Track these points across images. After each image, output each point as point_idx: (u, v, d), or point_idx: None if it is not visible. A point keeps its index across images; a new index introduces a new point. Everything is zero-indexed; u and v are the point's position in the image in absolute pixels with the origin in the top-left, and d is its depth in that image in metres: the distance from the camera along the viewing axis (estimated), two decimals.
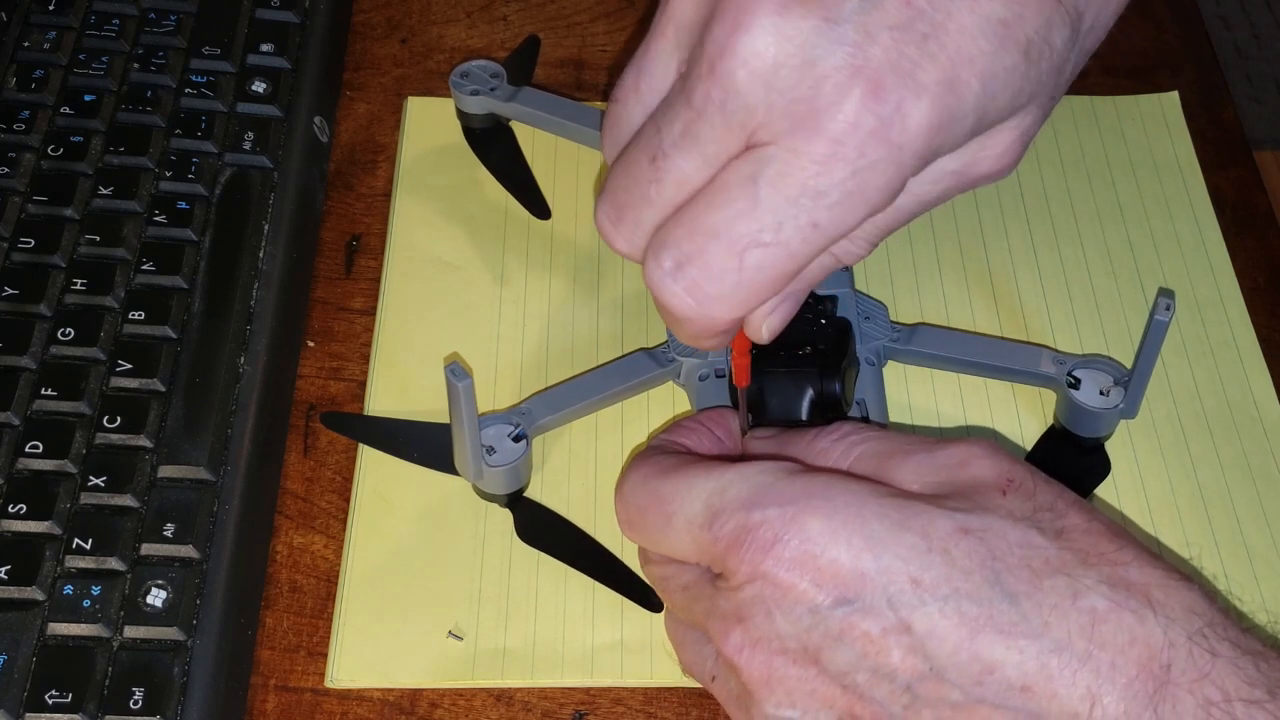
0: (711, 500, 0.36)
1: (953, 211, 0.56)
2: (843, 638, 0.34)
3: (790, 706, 0.35)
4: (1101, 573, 0.33)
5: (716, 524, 0.36)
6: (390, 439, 0.49)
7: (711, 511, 0.36)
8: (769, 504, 0.35)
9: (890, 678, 0.33)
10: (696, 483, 0.37)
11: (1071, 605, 0.32)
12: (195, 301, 0.49)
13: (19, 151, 0.52)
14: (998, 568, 0.33)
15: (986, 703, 0.32)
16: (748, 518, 0.35)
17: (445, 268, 0.54)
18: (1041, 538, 0.34)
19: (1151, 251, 0.55)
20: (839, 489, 0.35)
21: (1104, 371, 0.48)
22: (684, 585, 0.38)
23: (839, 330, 0.45)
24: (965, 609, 0.33)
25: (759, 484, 0.36)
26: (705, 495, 0.36)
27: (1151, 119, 0.59)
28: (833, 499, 0.34)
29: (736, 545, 0.35)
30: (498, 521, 0.47)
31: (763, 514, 0.35)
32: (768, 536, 0.34)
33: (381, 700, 0.44)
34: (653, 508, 0.38)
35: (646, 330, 0.52)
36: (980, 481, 0.36)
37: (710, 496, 0.36)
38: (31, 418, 0.46)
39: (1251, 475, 0.49)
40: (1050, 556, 0.33)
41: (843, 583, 0.33)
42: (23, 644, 0.41)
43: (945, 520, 0.34)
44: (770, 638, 0.35)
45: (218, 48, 0.57)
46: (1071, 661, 0.32)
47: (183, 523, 0.44)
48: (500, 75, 0.57)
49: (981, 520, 0.34)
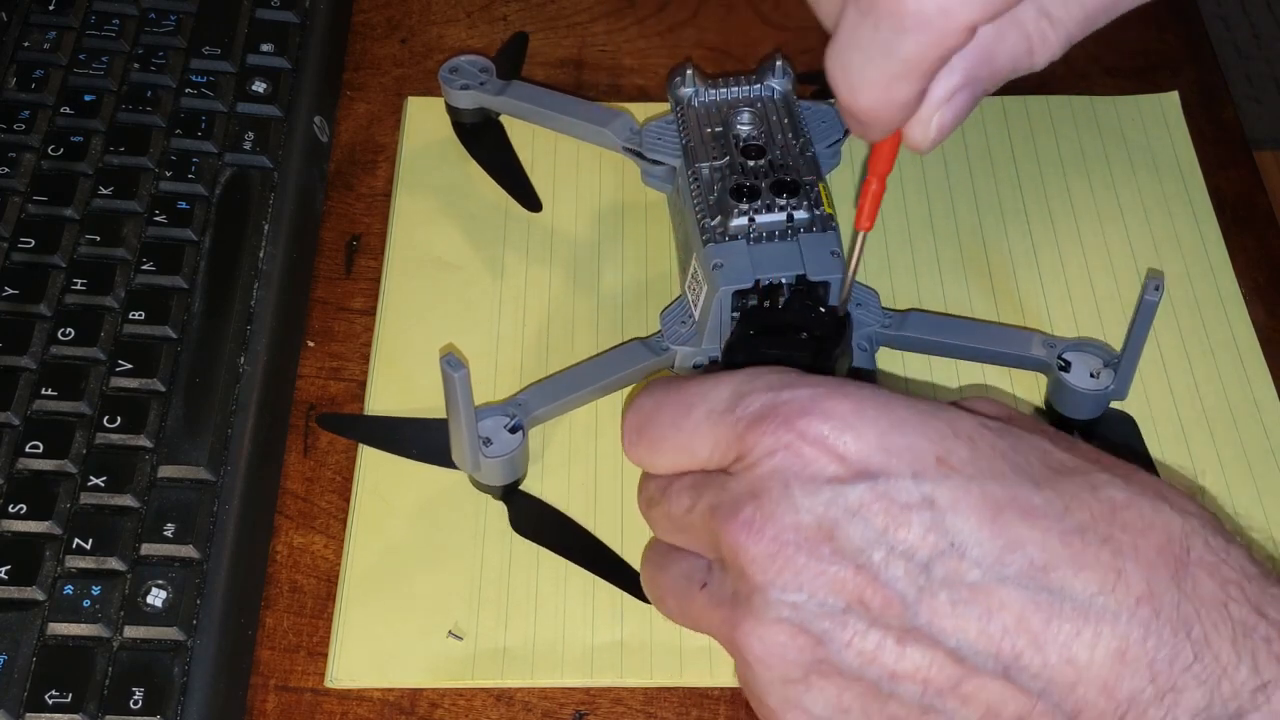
0: (740, 386, 0.35)
1: (953, 211, 0.56)
2: (861, 512, 0.33)
3: (797, 589, 0.33)
4: (1116, 473, 0.34)
5: (741, 405, 0.35)
6: (387, 437, 0.49)
7: (738, 395, 0.35)
8: (798, 386, 0.35)
9: (908, 555, 0.32)
10: (722, 378, 0.36)
11: (1091, 495, 0.33)
12: (195, 301, 0.49)
13: (19, 151, 0.52)
14: (1020, 460, 0.33)
15: (1008, 582, 0.32)
16: (776, 396, 0.34)
17: (445, 267, 0.54)
18: (1056, 447, 0.34)
19: (1151, 251, 0.55)
20: (865, 384, 0.35)
21: (1094, 354, 0.48)
22: (689, 485, 0.37)
23: (838, 320, 0.45)
24: (989, 489, 0.33)
25: (787, 374, 0.35)
26: (733, 384, 0.36)
27: (1151, 119, 0.59)
28: (861, 388, 0.35)
29: (760, 420, 0.34)
30: (498, 521, 0.47)
31: (792, 393, 0.34)
32: (794, 409, 0.34)
33: (381, 700, 0.44)
34: (670, 402, 0.37)
35: (646, 322, 0.52)
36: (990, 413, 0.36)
37: (738, 384, 0.36)
38: (31, 418, 0.46)
39: (1252, 475, 0.49)
40: (1066, 460, 0.34)
41: (866, 458, 0.33)
42: (23, 644, 0.41)
43: (968, 418, 0.34)
44: (784, 512, 0.33)
45: (218, 48, 0.57)
46: (1094, 542, 0.32)
47: (183, 523, 0.44)
48: (490, 70, 0.57)
49: (999, 424, 0.35)
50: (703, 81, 0.53)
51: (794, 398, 0.34)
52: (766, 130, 0.51)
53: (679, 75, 0.53)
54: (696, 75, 0.53)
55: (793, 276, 0.46)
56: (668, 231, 0.55)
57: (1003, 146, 0.58)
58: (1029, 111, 0.59)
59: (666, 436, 0.37)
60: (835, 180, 0.56)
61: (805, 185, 0.48)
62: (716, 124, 0.51)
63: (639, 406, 0.38)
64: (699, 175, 0.49)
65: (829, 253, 0.47)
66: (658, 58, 0.62)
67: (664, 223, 0.55)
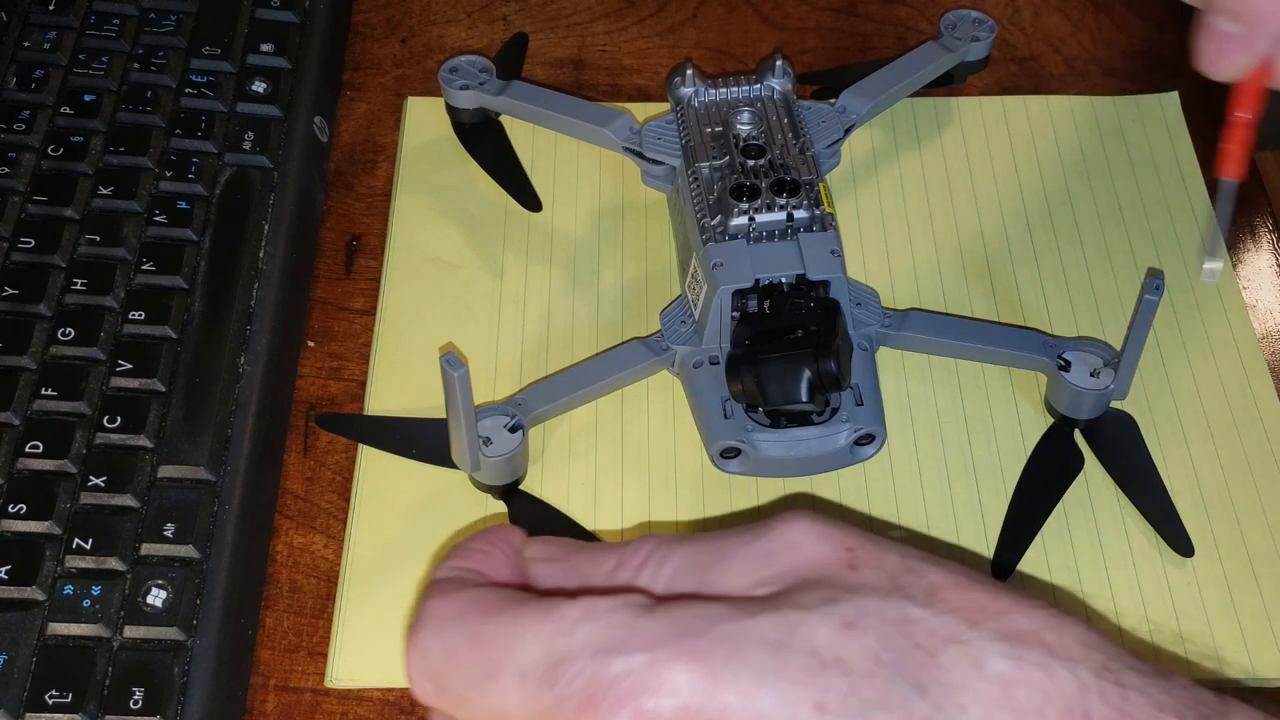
0: (554, 645, 0.28)
1: (953, 212, 0.56)
2: None
3: None
4: (991, 630, 0.30)
5: (561, 679, 0.28)
6: (388, 437, 0.49)
7: (553, 660, 0.28)
8: (631, 648, 0.27)
9: None
10: (530, 624, 0.29)
11: (978, 677, 0.29)
12: (195, 301, 0.49)
13: (19, 151, 0.52)
14: (892, 658, 0.28)
15: None
16: (606, 668, 0.27)
17: (445, 267, 0.54)
18: (917, 608, 0.29)
19: (1151, 251, 0.55)
20: (704, 617, 0.28)
21: (1094, 353, 0.48)
22: None
23: (828, 310, 0.45)
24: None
25: (613, 623, 0.28)
26: (544, 639, 0.28)
27: (1151, 119, 0.59)
28: (704, 632, 0.28)
29: (591, 706, 0.27)
30: (498, 521, 0.47)
31: (625, 662, 0.27)
32: (630, 690, 0.27)
33: (381, 700, 0.44)
34: (468, 656, 0.29)
35: (646, 322, 0.52)
36: (820, 561, 0.31)
37: (551, 640, 0.28)
38: (31, 418, 0.46)
39: (1251, 475, 0.49)
40: (934, 627, 0.29)
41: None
42: (23, 644, 0.41)
43: (824, 624, 0.29)
44: None
45: (218, 48, 0.57)
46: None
47: (183, 523, 0.44)
48: (489, 70, 0.57)
49: (855, 608, 0.29)
50: (703, 81, 0.53)
51: (628, 670, 0.27)
52: (766, 130, 0.51)
53: (679, 75, 0.53)
54: (696, 75, 0.53)
55: (793, 276, 0.46)
56: (668, 231, 0.55)
57: (1003, 146, 0.58)
58: (1029, 111, 0.59)
59: (472, 699, 0.29)
60: (835, 180, 0.56)
61: (805, 185, 0.48)
62: (716, 124, 0.51)
63: (427, 648, 0.30)
64: (699, 175, 0.49)
65: (829, 252, 0.47)
66: (658, 58, 0.62)
67: (664, 223, 0.55)
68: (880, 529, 0.47)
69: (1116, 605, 0.45)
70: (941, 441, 0.49)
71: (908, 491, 0.48)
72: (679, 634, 0.28)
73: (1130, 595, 0.46)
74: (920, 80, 0.57)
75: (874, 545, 0.31)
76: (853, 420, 0.46)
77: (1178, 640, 0.45)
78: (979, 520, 0.47)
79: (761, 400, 0.44)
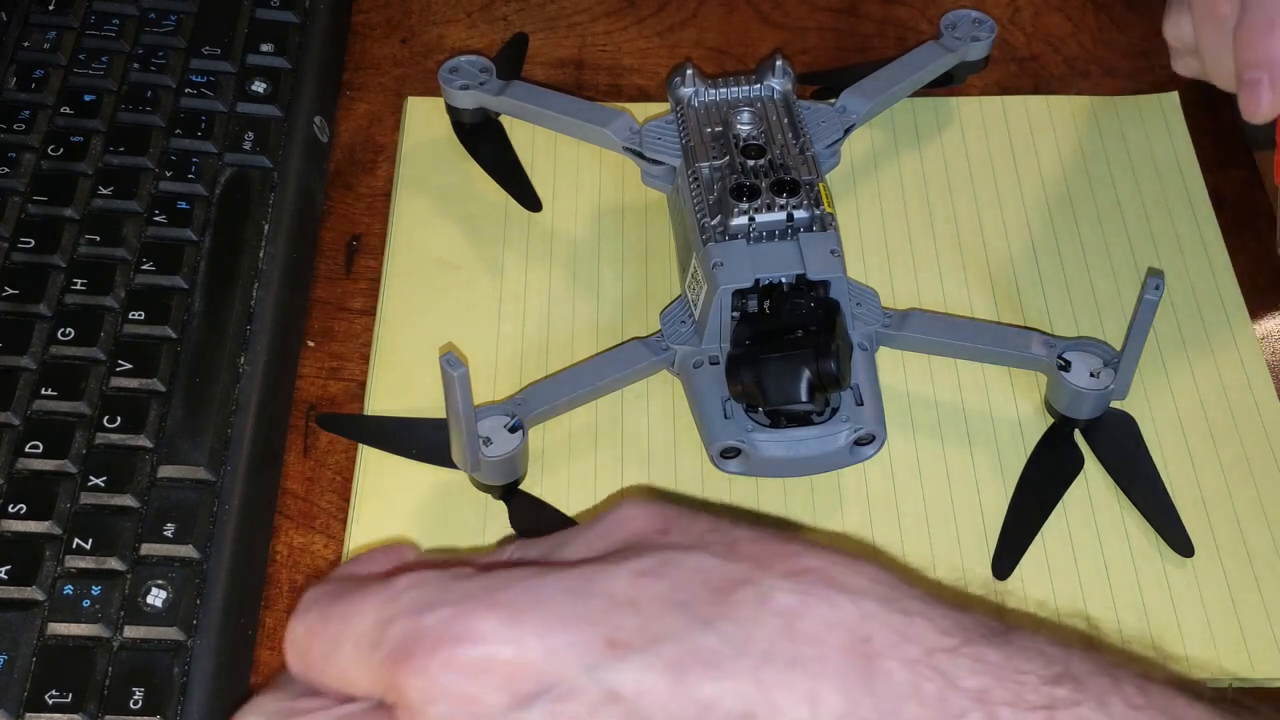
0: (382, 611, 0.32)
1: (953, 213, 0.56)
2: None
3: None
4: (779, 570, 0.32)
5: (385, 638, 0.31)
6: (388, 437, 0.49)
7: (381, 624, 0.31)
8: (442, 603, 0.31)
9: None
10: (367, 597, 0.32)
11: (764, 610, 0.31)
12: (195, 301, 0.49)
13: (19, 151, 0.52)
14: (684, 598, 0.31)
15: None
16: (417, 623, 0.31)
17: (445, 267, 0.54)
18: (714, 558, 0.33)
19: (1151, 251, 0.55)
20: (513, 576, 0.32)
21: (1094, 353, 0.48)
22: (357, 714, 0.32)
23: (828, 310, 0.45)
24: (666, 653, 0.30)
25: (430, 588, 0.32)
26: (376, 608, 0.32)
27: (1151, 119, 0.59)
28: (509, 586, 0.31)
29: (405, 657, 0.30)
30: (498, 522, 0.47)
31: (434, 616, 0.31)
32: (438, 638, 0.30)
33: None
34: (320, 632, 0.33)
35: (646, 322, 0.52)
36: (640, 532, 0.34)
37: (380, 607, 0.32)
38: (31, 418, 0.46)
39: (1251, 475, 0.49)
40: (729, 572, 0.32)
41: (535, 672, 0.30)
42: (23, 644, 0.41)
43: (621, 571, 0.32)
44: None
45: (218, 48, 0.57)
46: (782, 669, 0.31)
47: (183, 523, 0.44)
48: (490, 70, 0.57)
49: (655, 559, 0.32)
50: (703, 81, 0.53)
51: (436, 621, 0.31)
52: (766, 130, 0.51)
53: (679, 75, 0.53)
54: (696, 75, 0.53)
55: (793, 276, 0.46)
56: (668, 231, 0.55)
57: (1003, 146, 0.58)
58: (1029, 111, 0.59)
59: (327, 670, 0.33)
60: (835, 180, 0.56)
61: (805, 185, 0.48)
62: (716, 124, 0.51)
63: (293, 631, 0.34)
64: (699, 175, 0.49)
65: (829, 252, 0.47)
66: (658, 58, 0.62)
67: (664, 223, 0.55)
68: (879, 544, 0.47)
69: (1116, 605, 0.45)
70: (941, 441, 0.49)
71: (908, 491, 0.48)
72: (485, 590, 0.31)
73: (1130, 595, 0.46)
74: (920, 80, 0.57)
75: (688, 516, 0.35)
76: (853, 420, 0.46)
77: (1178, 640, 0.45)
78: (979, 520, 0.47)
79: (761, 400, 0.44)
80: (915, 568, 0.45)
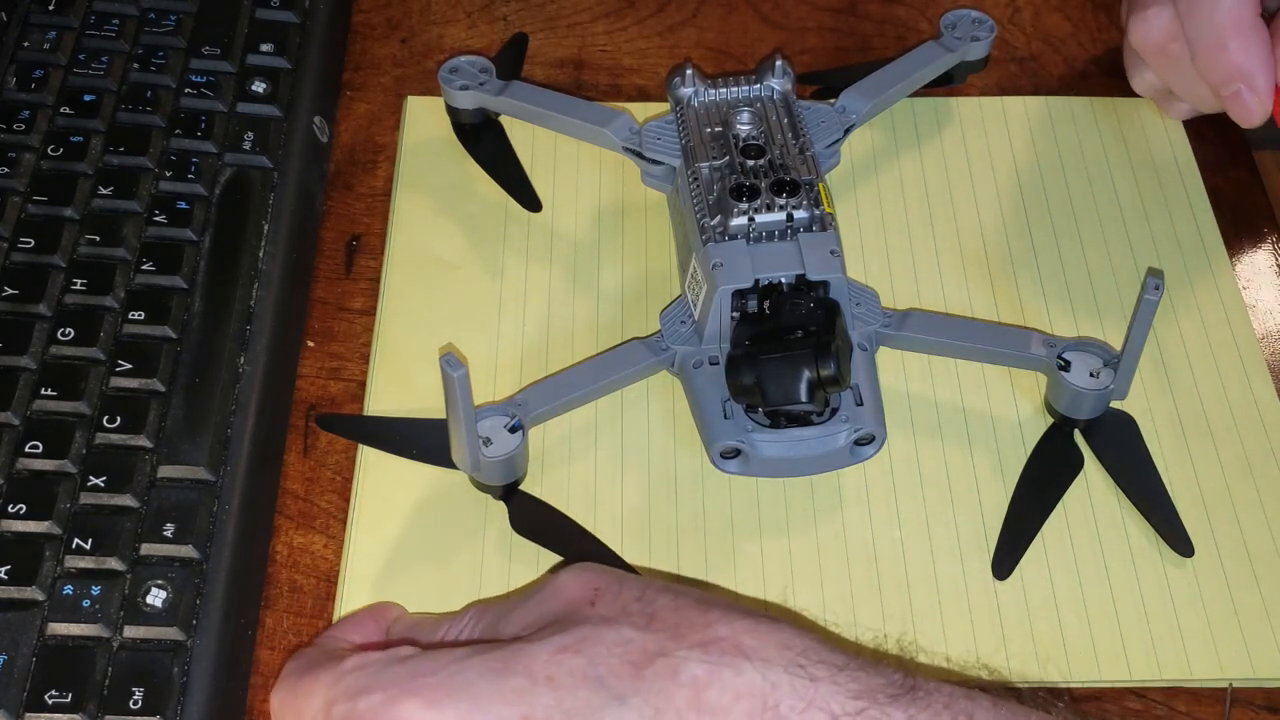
0: (329, 692, 0.35)
1: (953, 212, 0.56)
2: None
3: None
4: (693, 640, 0.34)
5: (329, 717, 0.35)
6: (388, 437, 0.49)
7: (328, 703, 0.35)
8: (374, 689, 0.34)
9: None
10: (322, 675, 0.36)
11: (674, 683, 0.33)
12: (195, 301, 0.49)
13: (19, 151, 0.52)
14: (600, 673, 0.34)
15: None
16: (354, 707, 0.34)
17: (445, 267, 0.54)
18: (633, 630, 0.35)
19: (1151, 251, 0.55)
20: (444, 659, 0.35)
21: (1093, 353, 0.48)
22: None
23: (828, 310, 0.45)
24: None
25: (369, 671, 0.35)
26: (324, 687, 0.36)
27: (1151, 119, 0.59)
28: (437, 671, 0.34)
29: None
30: (498, 522, 0.47)
31: (368, 700, 0.34)
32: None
33: None
34: (289, 704, 0.37)
35: (646, 322, 0.52)
36: (572, 601, 0.37)
37: (328, 689, 0.36)
38: (31, 418, 0.46)
39: (1251, 475, 0.49)
40: (646, 644, 0.34)
41: None
42: (23, 644, 0.41)
43: (542, 649, 0.34)
44: None
45: (218, 48, 0.57)
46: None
47: (183, 523, 0.44)
48: (489, 70, 0.57)
49: (576, 635, 0.35)
50: (702, 81, 0.53)
51: (367, 707, 0.34)
52: (766, 130, 0.51)
53: (679, 75, 0.53)
54: (696, 75, 0.53)
55: (792, 276, 0.46)
56: (668, 231, 0.55)
57: (1002, 146, 0.58)
58: (1029, 112, 0.59)
59: None
60: (835, 180, 0.56)
61: (805, 185, 0.48)
62: (716, 124, 0.51)
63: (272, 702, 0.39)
64: (699, 175, 0.49)
65: (829, 252, 0.47)
66: (658, 58, 0.62)
67: (664, 223, 0.55)
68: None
69: (1116, 605, 0.45)
70: (941, 441, 0.49)
71: (908, 491, 0.48)
72: (412, 675, 0.34)
73: (1130, 595, 0.46)
74: (920, 80, 0.57)
75: (618, 583, 0.37)
76: (853, 420, 0.46)
77: (1178, 639, 0.45)
78: (979, 520, 0.47)
79: (761, 400, 0.44)
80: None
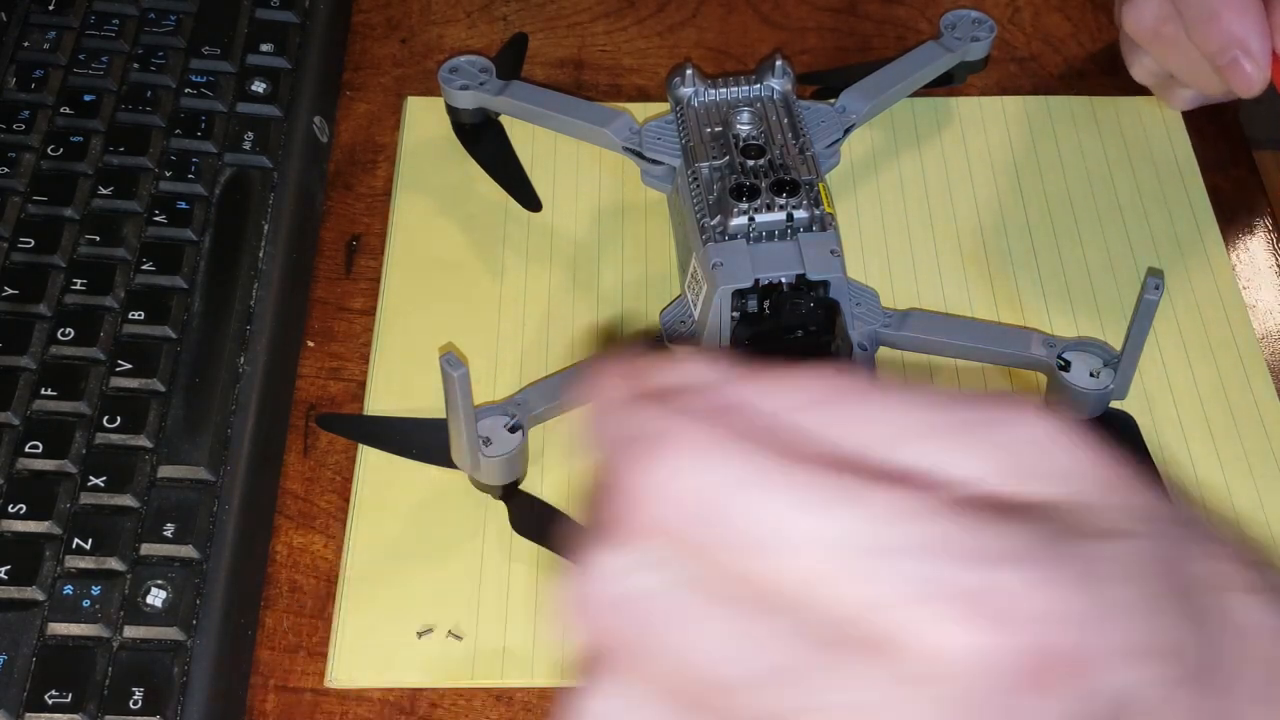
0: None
1: (953, 212, 0.56)
2: None
3: None
4: (1232, 565, 0.24)
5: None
6: (388, 437, 0.49)
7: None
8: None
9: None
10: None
11: (1236, 637, 0.23)
12: (195, 301, 0.49)
13: (19, 151, 0.52)
14: (1168, 605, 0.23)
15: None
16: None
17: (445, 267, 0.54)
18: (1189, 550, 0.24)
19: (1151, 251, 0.55)
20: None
21: (1094, 353, 0.48)
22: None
23: (828, 310, 0.45)
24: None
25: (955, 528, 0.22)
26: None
27: (1151, 119, 0.59)
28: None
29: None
30: (498, 522, 0.47)
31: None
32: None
33: (381, 700, 0.44)
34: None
35: (646, 321, 0.52)
36: (1083, 478, 0.24)
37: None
38: (31, 418, 0.46)
39: (1251, 475, 0.49)
40: (1199, 573, 0.24)
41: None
42: (23, 644, 0.41)
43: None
44: None
45: (218, 48, 0.57)
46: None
47: (183, 523, 0.44)
48: (489, 70, 0.57)
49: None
50: (702, 81, 0.53)
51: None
52: (766, 130, 0.51)
53: (679, 75, 0.53)
54: (696, 75, 0.53)
55: (792, 276, 0.46)
56: (668, 231, 0.55)
57: (1002, 146, 0.58)
58: (1029, 112, 0.59)
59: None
60: (835, 180, 0.56)
61: (805, 185, 0.48)
62: (716, 124, 0.51)
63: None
64: (699, 175, 0.49)
65: (829, 252, 0.47)
66: (658, 58, 0.62)
67: (664, 223, 0.55)
68: None
69: None
70: None
71: None
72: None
73: None
74: (920, 80, 0.57)
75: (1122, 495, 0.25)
76: None
77: None
78: None
79: None
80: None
